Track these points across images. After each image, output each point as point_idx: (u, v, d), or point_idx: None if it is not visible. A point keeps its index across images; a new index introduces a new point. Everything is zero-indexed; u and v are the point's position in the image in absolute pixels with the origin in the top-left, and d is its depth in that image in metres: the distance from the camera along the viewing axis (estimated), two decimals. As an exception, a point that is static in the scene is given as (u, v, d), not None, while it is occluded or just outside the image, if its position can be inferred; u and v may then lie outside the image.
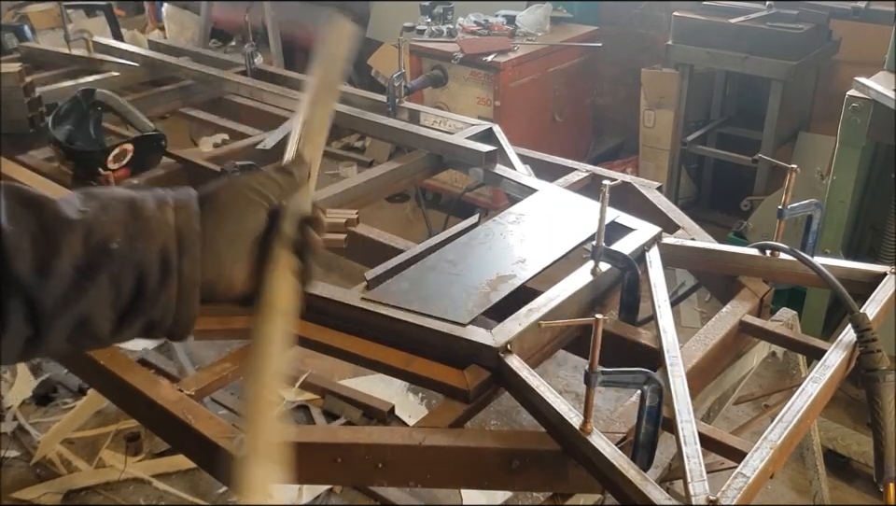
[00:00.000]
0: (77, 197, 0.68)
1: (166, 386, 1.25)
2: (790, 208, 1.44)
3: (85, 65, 2.87)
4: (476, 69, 3.81)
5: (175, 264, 0.68)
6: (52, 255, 0.63)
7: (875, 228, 2.88)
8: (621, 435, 1.11)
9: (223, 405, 2.88)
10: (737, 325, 1.40)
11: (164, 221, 0.68)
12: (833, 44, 3.59)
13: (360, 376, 2.97)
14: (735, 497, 0.94)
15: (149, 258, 0.67)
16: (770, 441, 1.03)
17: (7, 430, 2.82)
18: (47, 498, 2.53)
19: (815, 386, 1.15)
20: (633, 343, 1.35)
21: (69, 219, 0.65)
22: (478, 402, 1.22)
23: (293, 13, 5.49)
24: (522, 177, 1.87)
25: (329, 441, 1.14)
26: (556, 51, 4.05)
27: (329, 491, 2.56)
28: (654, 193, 1.82)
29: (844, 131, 2.48)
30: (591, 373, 0.99)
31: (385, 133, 2.31)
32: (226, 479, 1.15)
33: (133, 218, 0.67)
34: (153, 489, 2.58)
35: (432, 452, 1.12)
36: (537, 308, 1.30)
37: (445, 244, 1.55)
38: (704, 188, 4.26)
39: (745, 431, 1.51)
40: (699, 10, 3.62)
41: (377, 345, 1.30)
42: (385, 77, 3.12)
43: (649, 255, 1.49)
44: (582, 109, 4.44)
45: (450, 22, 4.15)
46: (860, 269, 1.45)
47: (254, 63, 2.75)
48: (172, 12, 6.06)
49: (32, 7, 5.21)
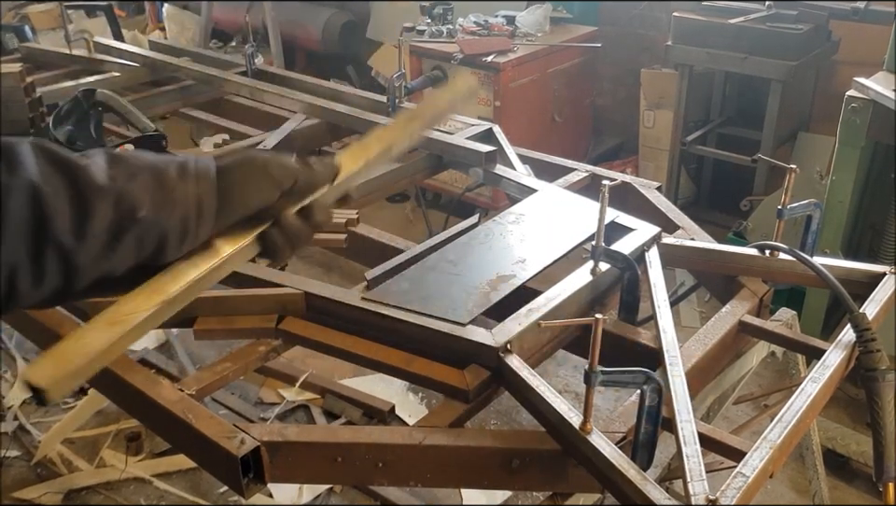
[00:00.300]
0: (104, 159, 0.72)
1: (167, 386, 1.25)
2: (789, 208, 1.44)
3: (85, 66, 2.87)
4: (476, 69, 3.81)
5: (194, 231, 0.75)
6: (87, 218, 0.68)
7: (875, 228, 2.88)
8: (620, 435, 1.11)
9: (224, 405, 2.88)
10: (737, 325, 1.40)
11: (186, 192, 0.74)
12: (833, 44, 3.60)
13: (360, 376, 2.97)
14: (735, 496, 0.94)
15: (172, 224, 0.73)
16: (769, 440, 1.03)
17: (8, 430, 2.82)
18: (47, 497, 2.53)
19: (814, 386, 1.15)
20: (633, 342, 1.35)
21: (100, 186, 0.70)
22: (478, 402, 1.23)
23: (293, 13, 5.50)
24: (522, 177, 1.87)
25: (329, 440, 1.14)
26: (556, 52, 4.05)
27: (329, 491, 2.56)
28: (654, 193, 1.82)
29: (843, 131, 2.48)
30: (591, 373, 0.99)
31: (385, 133, 2.31)
32: (226, 479, 1.15)
33: (159, 187, 0.73)
34: (154, 489, 2.59)
35: (432, 451, 1.12)
36: (537, 308, 1.30)
37: (445, 244, 1.55)
38: (703, 188, 4.26)
39: (744, 431, 1.51)
40: (699, 11, 3.62)
41: (377, 345, 1.30)
42: (385, 78, 3.13)
43: (648, 255, 1.49)
44: (582, 109, 4.45)
45: (450, 23, 4.15)
46: (859, 269, 1.45)
47: (254, 63, 2.75)
48: (172, 13, 6.06)
49: (32, 7, 5.21)
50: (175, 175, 0.74)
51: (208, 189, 0.75)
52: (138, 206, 0.71)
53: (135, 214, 0.70)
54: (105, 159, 0.72)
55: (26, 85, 2.19)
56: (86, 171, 0.70)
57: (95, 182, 0.69)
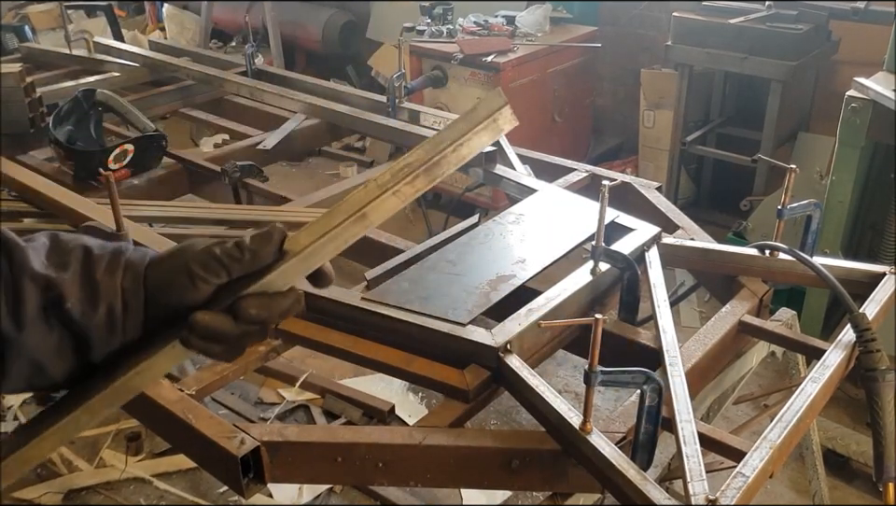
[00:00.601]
0: (44, 245, 0.74)
1: (167, 386, 1.25)
2: (789, 208, 1.44)
3: (86, 66, 2.88)
4: (476, 69, 3.81)
5: (120, 324, 0.73)
6: (20, 303, 0.70)
7: (875, 228, 2.88)
8: (620, 435, 1.12)
9: (224, 405, 2.88)
10: (737, 325, 1.40)
11: (113, 284, 0.73)
12: (833, 44, 3.60)
13: (360, 376, 2.97)
14: (735, 496, 0.94)
15: (97, 320, 0.72)
16: (769, 440, 1.03)
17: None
18: (47, 497, 2.53)
19: (814, 386, 1.15)
20: (632, 342, 1.35)
21: (34, 271, 0.71)
22: (478, 402, 1.23)
23: (293, 13, 5.50)
24: (522, 177, 1.87)
25: (329, 440, 1.14)
26: (556, 52, 4.05)
27: (329, 491, 2.56)
28: (654, 193, 1.82)
29: (843, 131, 2.48)
30: (590, 373, 0.99)
31: (385, 133, 2.31)
32: (226, 479, 1.15)
33: (87, 280, 0.73)
34: (154, 489, 2.58)
35: (432, 451, 1.12)
36: (537, 308, 1.30)
37: (445, 244, 1.55)
38: (703, 188, 4.26)
39: (744, 431, 1.51)
40: (698, 11, 3.62)
41: (377, 345, 1.30)
42: (385, 78, 3.13)
43: (648, 255, 1.49)
44: (582, 109, 4.45)
45: (450, 23, 4.15)
46: (859, 269, 1.45)
47: (254, 63, 2.75)
48: (172, 13, 6.06)
49: (32, 7, 5.22)
50: (104, 267, 0.74)
51: (133, 282, 0.73)
52: (66, 296, 0.71)
53: (62, 303, 0.71)
54: (46, 244, 0.74)
55: (26, 85, 2.20)
56: (24, 252, 0.71)
57: (30, 265, 0.71)
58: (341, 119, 2.40)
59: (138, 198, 1.96)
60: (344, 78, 5.51)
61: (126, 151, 2.03)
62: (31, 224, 1.81)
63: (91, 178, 1.98)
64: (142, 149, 2.07)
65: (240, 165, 2.01)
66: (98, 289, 0.72)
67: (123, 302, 0.73)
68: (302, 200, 1.90)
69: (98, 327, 0.72)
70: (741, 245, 1.56)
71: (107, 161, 2.00)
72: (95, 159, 2.00)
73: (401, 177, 0.72)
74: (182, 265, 0.73)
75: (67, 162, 2.02)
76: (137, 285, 0.74)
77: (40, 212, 1.83)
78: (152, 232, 1.61)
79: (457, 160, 0.73)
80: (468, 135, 0.73)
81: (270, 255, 0.72)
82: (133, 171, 2.07)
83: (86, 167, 1.99)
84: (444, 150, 0.72)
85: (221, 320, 0.71)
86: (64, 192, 1.80)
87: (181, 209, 1.86)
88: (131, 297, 0.73)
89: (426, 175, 0.72)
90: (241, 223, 1.77)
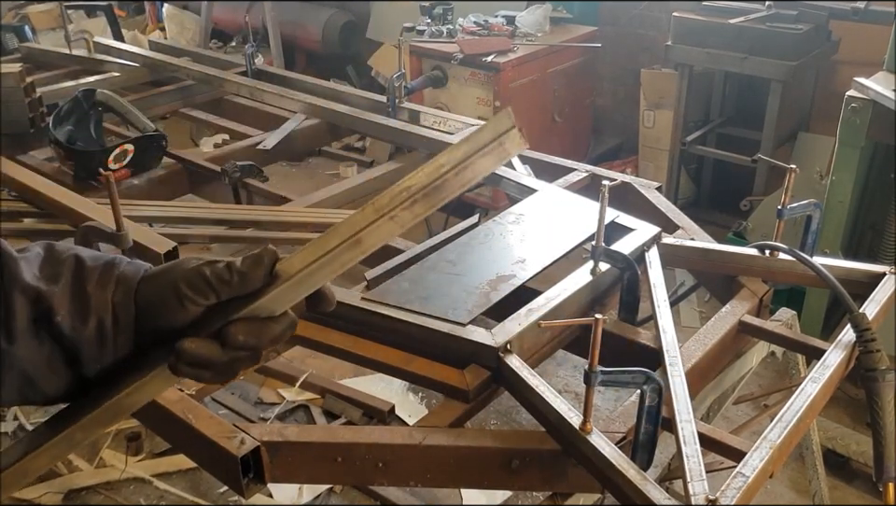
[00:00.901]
0: (38, 256, 0.73)
1: (167, 386, 1.25)
2: (789, 208, 1.44)
3: (86, 66, 2.88)
4: (476, 69, 3.81)
5: (111, 339, 0.72)
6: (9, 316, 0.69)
7: (875, 228, 2.88)
8: (620, 435, 1.12)
9: (224, 405, 2.88)
10: (737, 325, 1.40)
11: (104, 299, 0.72)
12: (833, 44, 3.60)
13: (360, 376, 2.97)
14: (735, 496, 0.94)
15: (87, 334, 0.71)
16: (769, 440, 1.03)
17: (8, 430, 2.82)
18: (47, 497, 2.53)
19: (814, 386, 1.15)
20: (632, 342, 1.36)
21: (25, 283, 0.70)
22: (478, 402, 1.23)
23: (293, 13, 5.50)
24: (522, 177, 1.87)
25: (329, 440, 1.14)
26: (556, 52, 4.05)
27: (329, 491, 2.56)
28: (654, 193, 1.82)
29: (843, 131, 2.48)
30: (590, 373, 0.99)
31: (385, 133, 2.31)
32: (226, 479, 1.15)
33: (77, 293, 0.72)
34: (154, 489, 2.58)
35: (432, 451, 1.12)
36: (537, 308, 1.30)
37: (445, 244, 1.55)
38: (703, 188, 4.26)
39: (744, 431, 1.51)
40: (698, 11, 3.62)
41: (377, 345, 1.30)
42: (385, 78, 3.13)
43: (648, 255, 1.49)
44: (582, 109, 4.45)
45: (450, 23, 4.15)
46: (859, 269, 1.45)
47: (254, 63, 2.75)
48: (172, 13, 6.07)
49: (32, 7, 5.22)
50: (95, 280, 0.72)
51: (125, 297, 0.72)
52: (55, 310, 0.70)
53: (52, 316, 0.70)
54: (40, 255, 0.73)
55: (26, 85, 2.20)
56: (16, 264, 0.71)
57: (21, 277, 0.70)
58: (341, 119, 2.40)
59: (138, 198, 1.96)
60: (344, 78, 5.51)
61: (126, 151, 2.03)
62: (31, 224, 1.81)
63: (91, 178, 1.99)
64: (142, 149, 2.07)
65: (240, 165, 2.01)
66: (89, 303, 0.71)
67: (114, 316, 0.72)
68: (302, 200, 1.90)
69: (88, 341, 0.71)
70: (741, 245, 1.56)
71: (107, 161, 2.00)
72: (95, 159, 2.00)
73: (400, 202, 0.68)
74: (171, 283, 0.71)
75: (67, 162, 2.02)
76: (128, 299, 0.72)
77: (40, 212, 1.83)
78: (152, 232, 1.61)
79: (460, 184, 0.70)
80: (471, 158, 0.69)
81: (260, 279, 0.69)
82: (133, 171, 2.07)
83: (86, 167, 1.99)
84: (446, 174, 0.69)
85: (208, 347, 0.69)
86: (64, 192, 1.80)
87: (181, 209, 1.86)
88: (121, 312, 0.72)
89: (425, 201, 0.69)
90: (241, 223, 1.77)
